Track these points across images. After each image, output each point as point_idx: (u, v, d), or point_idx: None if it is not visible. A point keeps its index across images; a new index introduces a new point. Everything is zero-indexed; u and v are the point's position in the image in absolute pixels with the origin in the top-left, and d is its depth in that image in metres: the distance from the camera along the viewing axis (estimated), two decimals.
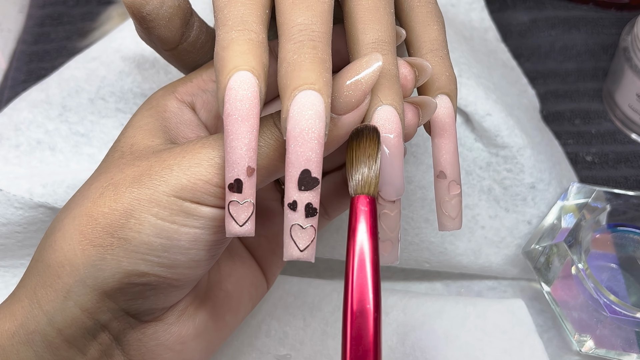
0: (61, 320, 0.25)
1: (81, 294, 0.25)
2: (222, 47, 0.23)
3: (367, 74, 0.23)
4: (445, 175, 0.27)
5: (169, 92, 0.29)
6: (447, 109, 0.27)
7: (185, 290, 0.27)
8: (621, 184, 0.43)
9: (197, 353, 0.29)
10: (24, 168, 0.38)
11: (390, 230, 0.24)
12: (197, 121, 0.29)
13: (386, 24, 0.25)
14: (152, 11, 0.27)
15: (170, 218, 0.24)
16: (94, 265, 0.24)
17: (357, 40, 0.25)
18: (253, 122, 0.22)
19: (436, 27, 0.27)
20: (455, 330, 0.36)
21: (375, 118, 0.24)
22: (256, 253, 0.32)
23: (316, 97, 0.22)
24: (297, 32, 0.23)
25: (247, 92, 0.22)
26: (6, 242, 0.37)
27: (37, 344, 0.25)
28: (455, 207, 0.27)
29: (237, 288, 0.31)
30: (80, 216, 0.25)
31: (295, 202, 0.22)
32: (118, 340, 0.27)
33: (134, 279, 0.25)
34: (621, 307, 0.34)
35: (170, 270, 0.25)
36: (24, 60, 0.50)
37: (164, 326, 0.28)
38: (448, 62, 0.27)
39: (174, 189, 0.24)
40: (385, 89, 0.24)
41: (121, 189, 0.25)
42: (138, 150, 0.26)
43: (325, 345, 0.37)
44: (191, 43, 0.29)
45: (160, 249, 0.24)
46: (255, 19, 0.23)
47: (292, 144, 0.22)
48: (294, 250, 0.23)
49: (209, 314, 0.29)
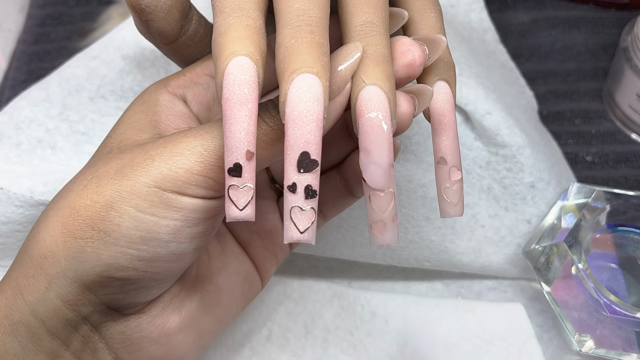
0: (43, 310, 0.25)
1: (62, 285, 0.25)
2: (219, 33, 0.23)
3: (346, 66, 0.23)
4: (445, 161, 0.27)
5: (161, 86, 0.29)
6: (446, 95, 0.27)
7: (168, 284, 0.27)
8: (621, 184, 0.43)
9: (184, 346, 0.29)
10: (25, 167, 0.38)
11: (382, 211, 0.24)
12: (189, 113, 0.29)
13: (375, 6, 0.25)
14: (150, 3, 0.27)
15: (149, 210, 0.24)
16: (75, 257, 0.24)
17: (346, 24, 0.25)
18: (252, 107, 0.22)
19: (433, 15, 0.27)
20: (454, 338, 0.37)
21: (359, 99, 0.23)
22: (249, 250, 0.32)
23: (314, 80, 0.22)
24: (294, 17, 0.23)
25: (245, 76, 0.22)
26: (6, 241, 0.37)
27: (21, 334, 0.25)
28: (457, 193, 0.27)
29: (229, 283, 0.30)
30: (63, 208, 0.25)
31: (295, 184, 0.22)
32: (100, 332, 0.27)
33: (113, 272, 0.25)
34: (621, 307, 0.34)
35: (150, 264, 0.25)
36: (24, 60, 0.50)
37: (148, 318, 0.27)
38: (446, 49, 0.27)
39: (155, 179, 0.24)
40: (368, 69, 0.24)
41: (104, 181, 0.25)
42: (125, 145, 0.27)
43: (326, 352, 0.37)
44: (190, 36, 0.29)
45: (139, 241, 0.24)
46: (252, 5, 0.23)
47: (291, 127, 0.22)
48: (294, 232, 0.22)
49: (197, 307, 0.29)
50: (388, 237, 0.24)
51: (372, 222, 0.24)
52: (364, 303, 0.38)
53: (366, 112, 0.23)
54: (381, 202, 0.24)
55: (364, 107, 0.23)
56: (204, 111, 0.29)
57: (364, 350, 0.37)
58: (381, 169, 0.23)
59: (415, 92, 0.26)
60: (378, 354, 0.37)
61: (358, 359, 0.37)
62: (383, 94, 0.23)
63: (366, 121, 0.23)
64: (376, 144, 0.23)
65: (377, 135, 0.23)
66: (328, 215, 0.32)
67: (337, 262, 0.41)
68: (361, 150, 0.23)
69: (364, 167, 0.23)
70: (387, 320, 0.37)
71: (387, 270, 0.41)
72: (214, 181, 0.24)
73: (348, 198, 0.31)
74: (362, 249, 0.38)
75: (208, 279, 0.30)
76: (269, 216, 0.32)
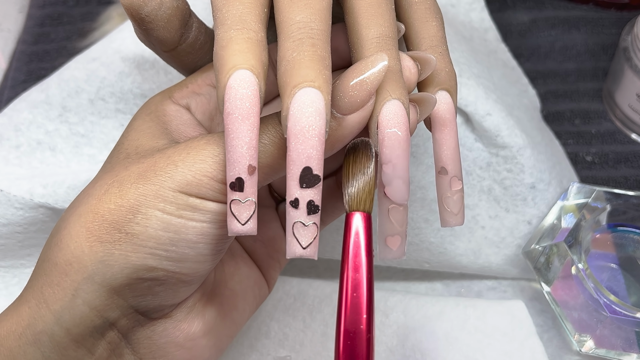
0: (69, 319, 0.25)
1: (89, 291, 0.25)
2: (221, 46, 0.23)
3: (373, 74, 0.23)
4: (446, 171, 0.27)
5: (166, 97, 0.29)
6: (448, 105, 0.27)
7: (194, 286, 0.27)
8: (621, 184, 0.43)
9: (207, 350, 0.29)
10: (24, 169, 0.38)
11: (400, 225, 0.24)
12: (196, 121, 0.29)
13: (389, 19, 0.25)
14: (150, 12, 0.27)
15: (177, 212, 0.24)
16: (102, 261, 0.24)
17: (361, 35, 0.25)
18: (253, 121, 0.22)
19: (435, 24, 0.27)
20: (455, 332, 0.36)
21: (383, 113, 0.23)
22: (254, 256, 0.32)
23: (316, 94, 0.22)
24: (296, 30, 0.23)
25: (246, 90, 0.22)
26: (6, 243, 0.37)
27: (44, 344, 0.25)
28: (457, 202, 0.27)
29: (241, 287, 0.31)
30: (85, 213, 0.25)
31: (297, 200, 0.22)
32: (127, 338, 0.27)
33: (142, 273, 0.25)
34: (621, 307, 0.34)
35: (179, 265, 0.25)
36: (24, 61, 0.50)
37: (173, 323, 0.28)
38: (447, 58, 0.27)
39: (179, 184, 0.24)
40: (392, 83, 0.24)
41: (126, 185, 0.25)
42: (144, 150, 0.27)
43: (325, 346, 0.37)
44: (190, 44, 0.29)
45: (168, 242, 0.24)
46: (253, 17, 0.23)
47: (293, 142, 0.22)
48: (297, 248, 0.23)
49: (217, 311, 0.29)
50: (400, 251, 0.24)
51: (388, 235, 0.24)
52: None
53: (391, 126, 0.23)
54: (400, 216, 0.24)
55: (388, 122, 0.23)
56: (207, 120, 0.30)
57: None
58: (405, 184, 0.24)
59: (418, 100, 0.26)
60: (378, 347, 0.37)
61: None
62: (404, 110, 0.24)
63: (392, 135, 0.23)
64: (402, 159, 0.23)
65: (403, 150, 0.23)
66: (326, 221, 0.32)
67: (337, 263, 0.41)
68: (384, 164, 0.23)
69: (387, 181, 0.24)
70: (387, 314, 0.37)
71: (387, 271, 0.41)
72: None
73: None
74: None
75: (223, 284, 0.30)
76: (271, 224, 0.32)
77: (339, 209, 0.31)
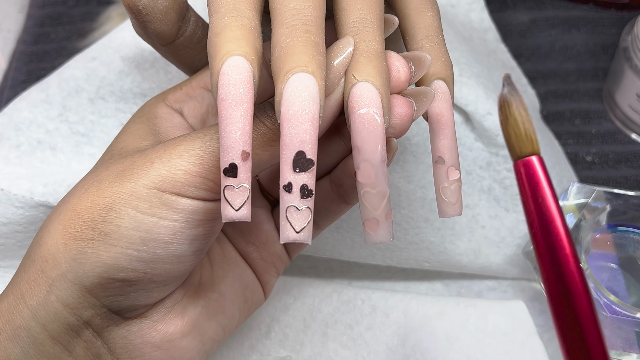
0: (44, 315, 0.25)
1: (62, 288, 0.25)
2: (214, 33, 0.23)
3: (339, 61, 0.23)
4: (443, 160, 0.27)
5: (160, 100, 0.29)
6: (444, 94, 0.26)
7: (169, 287, 0.27)
8: (621, 184, 0.43)
9: (186, 352, 0.29)
10: (25, 168, 0.38)
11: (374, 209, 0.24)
12: (187, 124, 0.29)
13: (369, 3, 0.25)
14: (147, 4, 0.27)
15: (149, 211, 0.24)
16: (75, 259, 0.24)
17: (340, 21, 0.25)
18: (247, 107, 0.22)
19: (430, 14, 0.27)
20: (455, 332, 0.36)
21: (351, 95, 0.23)
22: (247, 259, 0.32)
23: (309, 79, 0.22)
24: (289, 17, 0.23)
25: (240, 76, 0.22)
26: (6, 242, 0.37)
27: (23, 339, 0.25)
28: (455, 192, 0.27)
29: (231, 290, 0.30)
30: (64, 212, 0.25)
31: (291, 184, 0.22)
32: (103, 338, 0.27)
33: (113, 273, 0.25)
34: (621, 307, 0.34)
35: (150, 265, 0.25)
36: (23, 61, 0.50)
37: (149, 323, 0.27)
38: (444, 48, 0.27)
39: (154, 180, 0.24)
40: (360, 65, 0.24)
41: (104, 184, 0.25)
42: (127, 151, 0.27)
43: (325, 347, 0.37)
44: (188, 38, 0.29)
45: (139, 242, 0.24)
46: (247, 5, 0.23)
47: (286, 126, 0.22)
48: (290, 232, 0.22)
49: (200, 314, 0.29)
50: (381, 235, 0.24)
51: (365, 219, 0.24)
52: (364, 298, 0.38)
53: (357, 108, 0.23)
54: (373, 199, 0.24)
55: (355, 104, 0.23)
56: (198, 123, 0.30)
57: (364, 344, 0.37)
58: (373, 166, 0.23)
59: (415, 94, 0.25)
60: (378, 347, 0.37)
61: (358, 352, 0.37)
62: (375, 90, 0.23)
63: (357, 117, 0.23)
64: (367, 141, 0.23)
65: (369, 132, 0.23)
66: (322, 225, 0.31)
67: (337, 263, 0.41)
68: (353, 148, 0.23)
69: (356, 164, 0.23)
70: (387, 314, 0.37)
71: (387, 271, 0.41)
72: (212, 182, 0.24)
73: (341, 206, 0.30)
74: (361, 249, 0.38)
75: (211, 287, 0.30)
76: (264, 226, 0.32)
77: (335, 211, 0.31)
